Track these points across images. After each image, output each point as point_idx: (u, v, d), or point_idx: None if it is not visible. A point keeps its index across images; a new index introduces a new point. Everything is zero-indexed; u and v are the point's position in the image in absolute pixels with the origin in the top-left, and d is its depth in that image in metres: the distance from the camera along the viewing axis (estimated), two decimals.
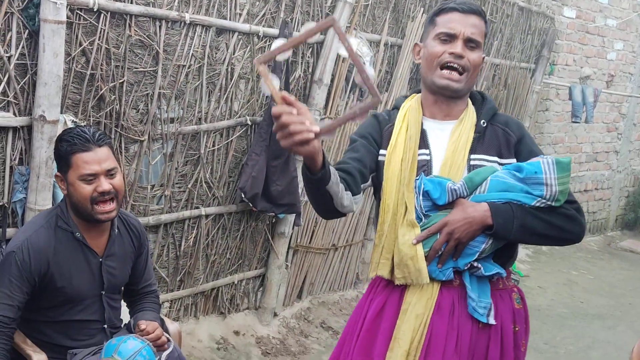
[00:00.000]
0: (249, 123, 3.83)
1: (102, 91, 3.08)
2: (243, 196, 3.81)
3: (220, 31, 3.54)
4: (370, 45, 4.37)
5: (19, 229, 2.51)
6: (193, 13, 3.35)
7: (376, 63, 4.51)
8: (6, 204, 2.91)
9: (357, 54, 1.64)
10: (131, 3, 3.09)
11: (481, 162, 1.94)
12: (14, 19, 2.75)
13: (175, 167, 3.56)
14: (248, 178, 3.76)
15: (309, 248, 4.52)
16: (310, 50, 4.06)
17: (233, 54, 3.63)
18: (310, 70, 4.10)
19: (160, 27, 3.23)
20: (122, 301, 2.65)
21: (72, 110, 3.02)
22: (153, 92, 3.31)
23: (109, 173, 2.27)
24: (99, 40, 3.01)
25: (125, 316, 2.61)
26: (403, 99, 2.09)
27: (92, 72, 3.03)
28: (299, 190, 3.93)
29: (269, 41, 3.78)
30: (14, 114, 2.85)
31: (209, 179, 3.76)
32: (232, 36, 3.59)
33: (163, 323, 2.55)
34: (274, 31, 3.76)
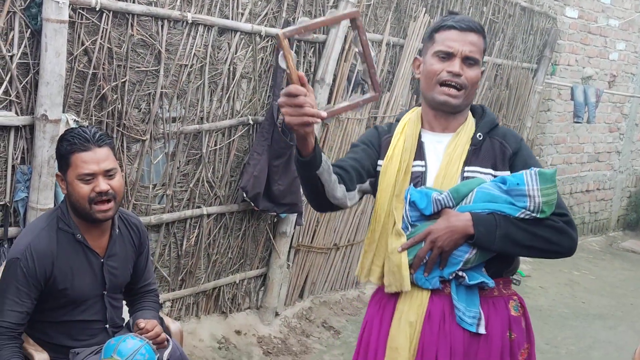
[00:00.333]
0: (251, 122, 3.83)
1: (104, 90, 3.08)
2: (245, 195, 3.81)
3: (222, 31, 3.54)
4: (372, 45, 4.37)
5: (21, 232, 2.51)
6: (195, 12, 3.35)
7: (378, 63, 4.52)
8: (8, 203, 2.91)
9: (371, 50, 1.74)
10: (133, 2, 3.09)
11: (475, 174, 1.95)
12: (17, 18, 2.75)
13: (177, 167, 3.56)
14: (250, 177, 3.76)
15: (311, 247, 4.52)
16: (312, 49, 4.06)
17: (235, 54, 3.63)
18: (312, 69, 4.10)
19: (162, 27, 3.23)
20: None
21: (74, 109, 3.02)
22: (155, 92, 3.31)
23: (108, 173, 2.26)
24: (101, 39, 3.01)
25: (127, 315, 2.61)
26: (405, 113, 2.13)
27: (94, 72, 3.03)
28: (301, 189, 3.93)
29: (271, 41, 3.78)
30: (16, 113, 2.85)
31: (211, 179, 3.76)
32: (234, 36, 3.59)
33: (162, 322, 2.55)
34: (276, 31, 3.75)
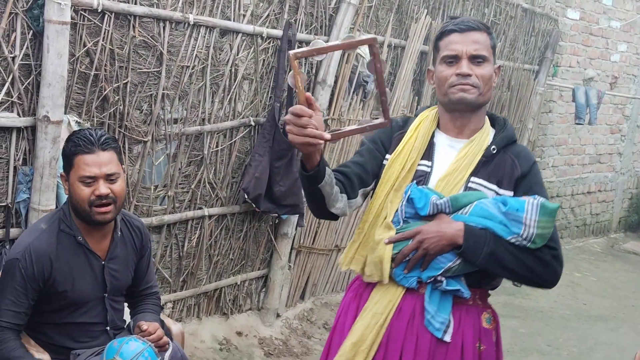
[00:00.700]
0: (253, 124, 3.83)
1: (106, 92, 3.08)
2: (246, 197, 3.81)
3: (224, 32, 3.54)
4: None
5: (22, 233, 2.51)
6: (197, 14, 3.36)
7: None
8: (10, 204, 2.91)
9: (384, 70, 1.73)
10: (135, 4, 3.10)
11: (479, 187, 1.94)
12: (19, 20, 2.76)
13: (178, 168, 3.56)
14: (251, 179, 3.76)
15: (312, 249, 4.52)
16: None
17: (237, 55, 3.63)
18: (313, 71, 4.10)
19: (164, 28, 3.24)
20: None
21: (76, 110, 3.02)
22: (157, 93, 3.31)
23: (109, 177, 2.25)
24: (103, 41, 3.01)
25: (128, 317, 2.61)
26: (424, 109, 2.12)
27: (96, 73, 3.04)
28: (302, 191, 3.92)
29: (273, 42, 3.78)
30: (18, 115, 2.86)
31: (212, 180, 3.76)
32: (236, 37, 3.60)
33: (163, 324, 2.55)
34: (278, 32, 3.76)
